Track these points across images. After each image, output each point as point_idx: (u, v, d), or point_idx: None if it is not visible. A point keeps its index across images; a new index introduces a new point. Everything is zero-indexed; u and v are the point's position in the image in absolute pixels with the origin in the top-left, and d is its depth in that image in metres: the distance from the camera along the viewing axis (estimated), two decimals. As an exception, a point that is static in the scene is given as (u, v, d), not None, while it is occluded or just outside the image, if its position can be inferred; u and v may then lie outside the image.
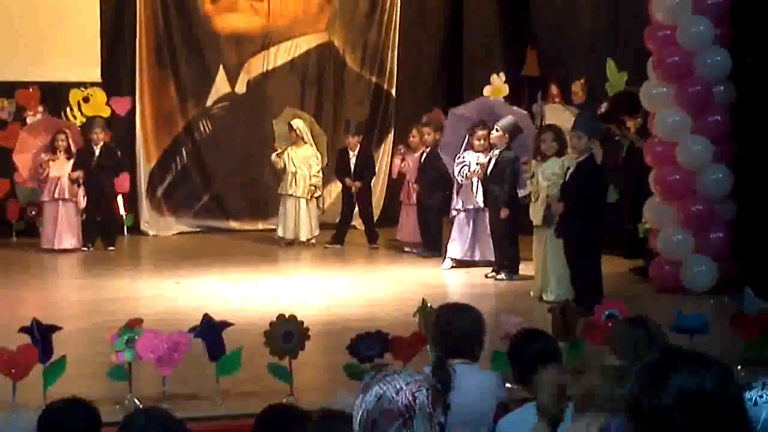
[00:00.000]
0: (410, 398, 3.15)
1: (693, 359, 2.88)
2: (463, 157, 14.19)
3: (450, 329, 5.71)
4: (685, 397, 2.81)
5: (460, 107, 15.11)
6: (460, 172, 14.19)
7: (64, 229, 15.86)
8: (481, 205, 14.08)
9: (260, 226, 18.33)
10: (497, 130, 13.61)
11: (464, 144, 14.29)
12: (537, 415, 4.52)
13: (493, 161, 13.62)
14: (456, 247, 14.40)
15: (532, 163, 12.56)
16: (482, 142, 14.05)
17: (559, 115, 14.43)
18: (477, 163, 13.97)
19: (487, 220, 13.98)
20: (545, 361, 5.20)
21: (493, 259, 13.92)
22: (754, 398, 3.27)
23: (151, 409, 4.33)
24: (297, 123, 16.50)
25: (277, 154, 16.46)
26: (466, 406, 5.29)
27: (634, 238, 13.97)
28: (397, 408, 3.14)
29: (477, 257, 14.32)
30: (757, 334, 8.91)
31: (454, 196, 14.50)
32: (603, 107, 15.37)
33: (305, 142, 16.43)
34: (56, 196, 15.86)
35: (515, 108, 14.86)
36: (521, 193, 13.48)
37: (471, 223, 14.37)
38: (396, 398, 3.15)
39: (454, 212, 14.49)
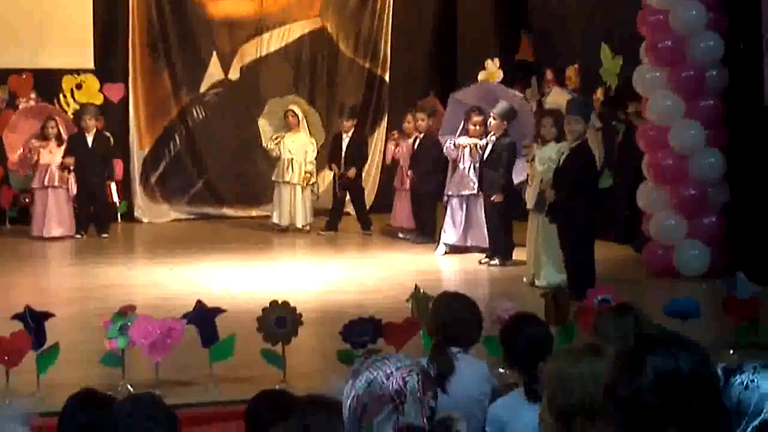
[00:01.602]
0: (401, 383, 3.15)
1: (668, 342, 2.91)
2: (454, 142, 14.26)
3: (447, 318, 5.72)
4: (661, 378, 2.83)
5: (459, 92, 15.13)
6: (446, 147, 14.27)
7: (52, 217, 15.84)
8: (474, 191, 14.10)
9: (254, 212, 18.32)
10: (494, 118, 13.61)
11: (460, 129, 14.33)
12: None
13: (489, 147, 13.64)
14: (449, 233, 14.41)
15: (533, 146, 12.59)
16: (477, 127, 14.07)
17: (561, 100, 14.39)
18: (475, 145, 13.99)
19: (480, 206, 14.03)
20: (537, 346, 5.21)
21: (486, 245, 13.94)
22: (745, 382, 3.27)
23: (139, 396, 4.31)
24: (296, 108, 16.48)
25: (275, 143, 16.42)
26: (463, 392, 5.32)
27: (630, 222, 13.97)
28: (387, 393, 3.14)
29: (470, 243, 14.33)
30: (749, 318, 8.92)
31: (448, 181, 14.51)
32: (597, 93, 15.39)
33: (301, 128, 16.40)
34: (46, 183, 15.84)
35: (513, 91, 14.86)
36: (516, 180, 13.52)
37: (464, 209, 14.37)
38: (386, 383, 3.14)
39: (446, 197, 14.51)
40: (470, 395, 5.47)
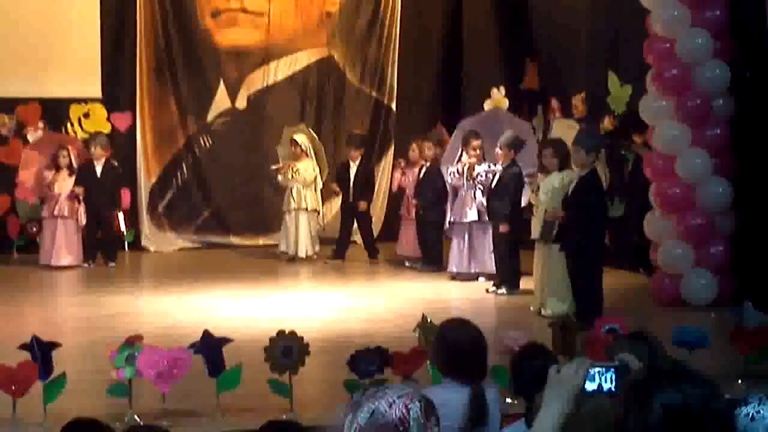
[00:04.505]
0: (404, 411, 3.13)
1: (677, 376, 2.89)
2: (456, 167, 14.36)
3: (452, 346, 5.69)
4: (670, 414, 2.81)
5: (466, 120, 15.23)
6: (450, 174, 14.37)
7: (61, 246, 15.84)
8: (476, 218, 14.18)
9: (261, 241, 18.32)
10: (501, 148, 13.65)
11: (458, 155, 14.42)
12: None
13: (497, 176, 13.68)
14: (454, 261, 14.49)
15: (538, 176, 12.64)
16: (477, 151, 14.17)
17: (566, 130, 14.47)
18: (471, 166, 14.11)
19: (482, 233, 14.19)
20: (543, 376, 5.20)
21: (490, 271, 14.00)
22: (750, 413, 3.26)
23: (144, 428, 4.30)
24: (300, 138, 16.52)
25: (281, 173, 16.44)
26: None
27: (641, 251, 13.96)
28: (391, 421, 3.12)
29: (474, 269, 14.37)
30: (757, 348, 8.90)
31: (448, 209, 14.59)
32: (605, 122, 15.40)
33: (307, 156, 16.44)
34: (56, 213, 15.85)
35: (519, 120, 14.98)
36: (524, 200, 13.62)
37: (466, 236, 14.43)
38: (389, 411, 3.12)
39: (447, 225, 14.61)
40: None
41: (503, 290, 13.51)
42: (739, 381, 8.54)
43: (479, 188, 14.18)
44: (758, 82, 12.43)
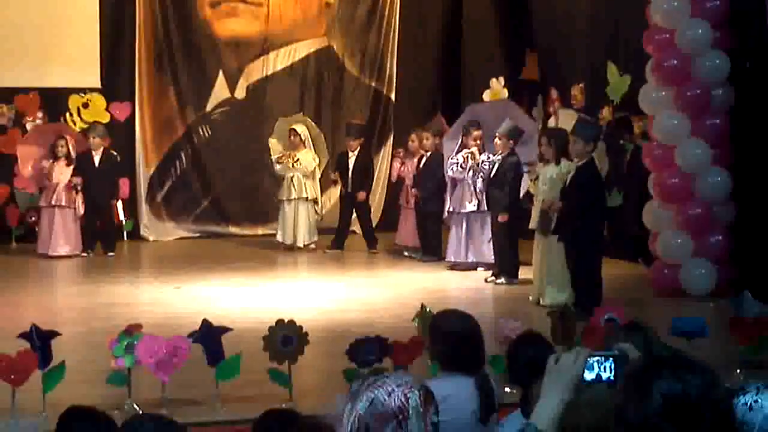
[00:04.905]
0: (403, 399, 3.13)
1: (676, 364, 2.89)
2: (457, 159, 14.32)
3: (448, 339, 5.66)
4: (669, 402, 2.81)
5: (478, 105, 15.23)
6: (450, 167, 14.35)
7: (59, 235, 15.84)
8: (475, 208, 14.18)
9: (260, 231, 18.33)
10: (500, 138, 13.64)
11: (458, 144, 14.42)
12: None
13: (495, 166, 13.67)
14: (451, 250, 14.50)
15: (538, 166, 12.64)
16: (477, 142, 14.16)
17: (570, 121, 14.44)
18: (471, 155, 14.10)
19: (481, 223, 14.18)
20: (538, 365, 5.19)
21: (487, 260, 13.99)
22: (749, 403, 3.26)
23: (150, 416, 4.28)
24: (299, 128, 16.51)
25: (278, 161, 16.45)
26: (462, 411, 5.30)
27: (640, 241, 13.97)
28: (390, 410, 3.12)
29: (471, 259, 14.37)
30: (756, 337, 8.90)
31: (447, 199, 14.59)
32: (603, 112, 15.38)
33: (305, 147, 16.44)
34: (53, 202, 15.84)
35: (525, 116, 14.98)
36: (523, 188, 13.62)
37: (464, 226, 14.43)
38: (388, 400, 3.13)
39: (447, 213, 14.62)
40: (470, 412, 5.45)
41: (502, 280, 13.51)
42: (738, 371, 8.54)
43: (480, 177, 14.17)
44: (758, 73, 12.42)
